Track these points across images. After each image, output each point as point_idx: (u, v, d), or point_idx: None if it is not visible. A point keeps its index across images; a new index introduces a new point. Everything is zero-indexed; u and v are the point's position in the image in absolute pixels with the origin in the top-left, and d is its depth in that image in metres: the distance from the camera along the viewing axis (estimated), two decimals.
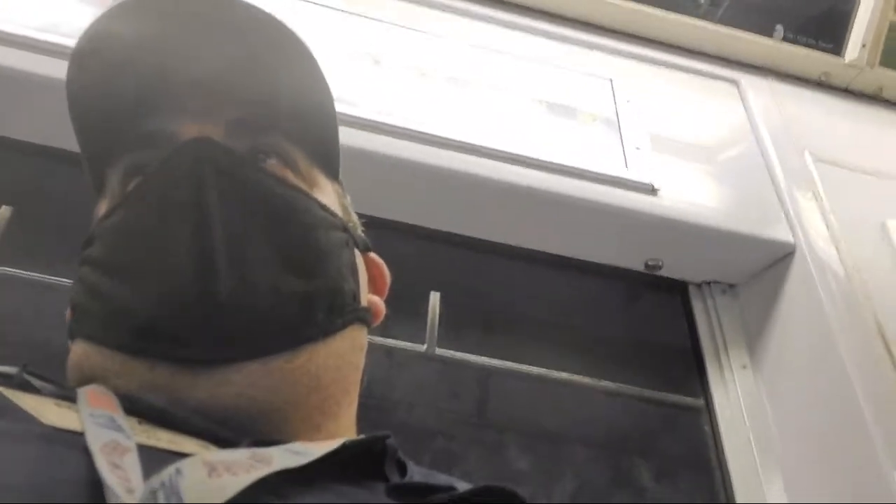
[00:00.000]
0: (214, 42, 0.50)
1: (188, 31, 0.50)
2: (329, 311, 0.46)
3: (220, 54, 0.50)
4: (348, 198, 0.58)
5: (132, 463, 0.31)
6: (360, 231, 0.56)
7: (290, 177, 0.50)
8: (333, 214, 0.51)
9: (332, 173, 0.56)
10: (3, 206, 0.95)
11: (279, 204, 0.47)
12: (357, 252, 0.53)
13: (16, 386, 0.41)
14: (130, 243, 0.45)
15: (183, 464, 0.30)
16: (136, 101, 0.50)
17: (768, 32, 1.39)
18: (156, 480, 0.29)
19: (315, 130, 0.54)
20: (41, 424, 0.34)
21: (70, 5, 1.01)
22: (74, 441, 0.32)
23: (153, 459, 0.32)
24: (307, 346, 0.44)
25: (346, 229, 0.51)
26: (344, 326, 0.47)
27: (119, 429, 0.34)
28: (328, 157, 0.55)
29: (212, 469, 0.30)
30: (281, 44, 0.52)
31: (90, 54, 0.51)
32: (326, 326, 0.46)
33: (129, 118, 0.50)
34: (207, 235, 0.43)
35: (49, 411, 0.35)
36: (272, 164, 0.50)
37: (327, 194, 0.53)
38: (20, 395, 0.37)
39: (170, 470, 0.29)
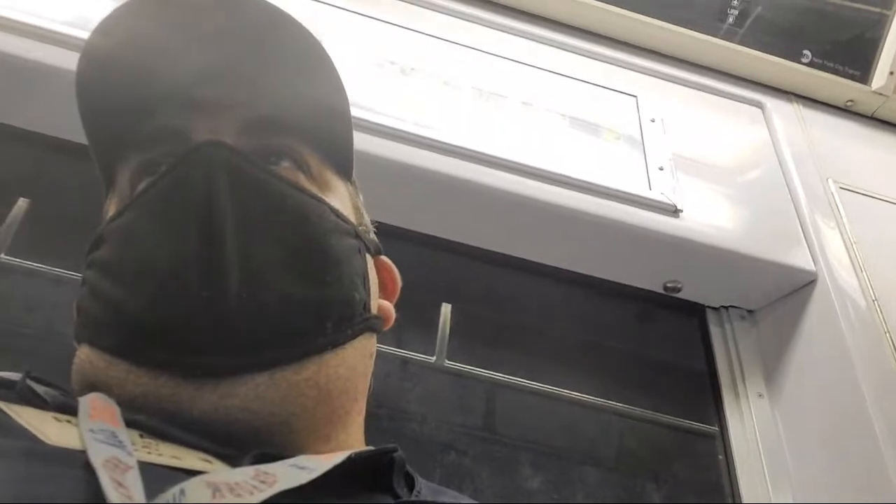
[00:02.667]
0: (228, 41, 0.49)
1: (202, 29, 0.49)
2: (339, 321, 0.45)
3: (233, 53, 0.49)
4: (361, 197, 0.57)
5: (134, 481, 0.30)
6: (371, 234, 0.55)
7: (303, 180, 0.49)
8: (346, 220, 0.50)
9: (346, 173, 0.55)
10: (20, 199, 0.95)
11: (292, 210, 0.46)
12: (368, 257, 0.52)
13: (17, 393, 0.41)
14: (138, 248, 0.44)
15: (187, 485, 0.29)
16: (147, 97, 0.49)
17: (795, 57, 1.38)
18: (160, 500, 0.28)
19: (328, 130, 0.53)
20: (40, 442, 0.33)
21: (100, 1, 1.01)
22: (73, 459, 0.31)
23: (155, 476, 0.31)
24: (316, 357, 0.43)
25: (357, 235, 0.50)
26: (354, 337, 0.46)
27: (120, 444, 0.33)
28: (341, 157, 0.55)
29: (215, 490, 0.30)
30: (295, 43, 0.51)
31: (101, 50, 0.50)
32: (336, 337, 0.45)
33: (139, 115, 0.49)
34: (218, 242, 0.42)
35: (49, 428, 0.34)
36: (284, 166, 0.49)
37: (340, 196, 0.52)
38: (20, 411, 0.36)
39: (174, 490, 0.29)
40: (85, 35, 0.90)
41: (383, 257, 0.57)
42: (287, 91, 0.51)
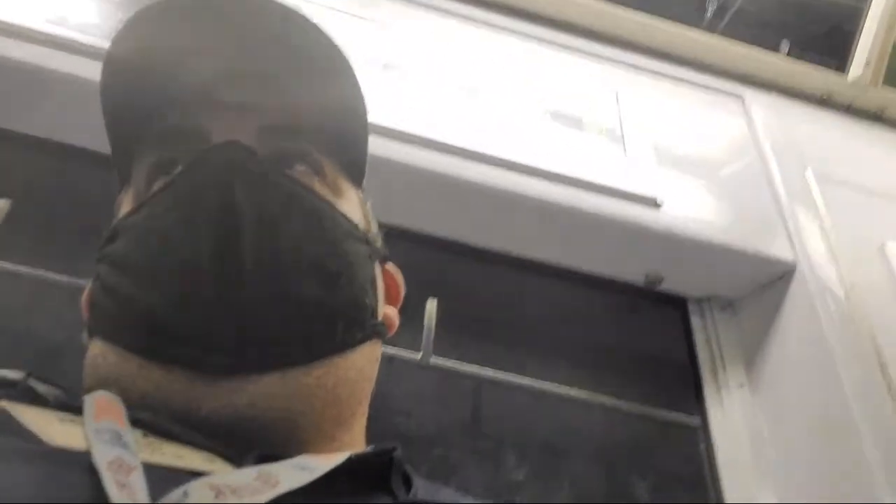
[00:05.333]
0: (250, 44, 0.50)
1: (225, 31, 0.49)
2: (349, 325, 0.46)
3: (255, 57, 0.50)
4: (369, 204, 0.57)
5: (138, 482, 0.30)
6: (379, 241, 0.55)
7: (318, 185, 0.50)
8: (357, 227, 0.50)
9: (357, 181, 0.56)
10: (2, 199, 0.94)
11: (307, 214, 0.47)
12: (377, 264, 0.52)
13: (19, 393, 0.41)
14: (154, 244, 0.45)
15: (190, 486, 0.30)
16: (168, 96, 0.49)
17: (774, 48, 1.40)
18: (164, 502, 0.29)
19: (345, 138, 0.54)
20: (44, 443, 0.33)
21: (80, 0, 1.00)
22: (77, 460, 0.32)
23: (158, 476, 0.31)
24: (325, 359, 0.44)
25: (368, 241, 0.51)
26: (363, 341, 0.47)
27: (124, 445, 0.33)
28: (355, 165, 0.55)
29: (218, 492, 0.30)
30: (317, 49, 0.51)
31: (126, 48, 0.50)
32: (345, 341, 0.45)
33: (160, 113, 0.49)
34: (234, 241, 0.42)
35: (52, 428, 0.35)
36: (300, 170, 0.49)
37: (351, 203, 0.52)
38: (23, 410, 0.36)
39: (178, 492, 0.29)
40: (63, 33, 0.90)
41: (389, 264, 0.58)
42: (307, 96, 0.51)
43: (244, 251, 0.42)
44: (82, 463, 0.31)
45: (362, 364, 0.47)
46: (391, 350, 0.99)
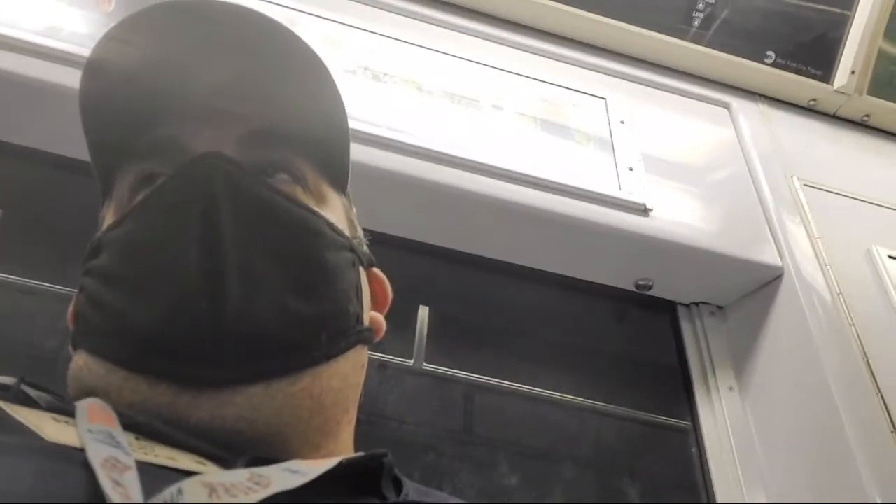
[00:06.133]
0: (230, 54, 0.50)
1: (202, 42, 0.50)
2: (334, 333, 0.46)
3: (233, 66, 0.50)
4: (354, 210, 0.57)
5: (132, 480, 0.30)
6: (364, 247, 0.56)
7: (300, 193, 0.50)
8: (341, 234, 0.50)
9: (341, 187, 0.56)
10: None
11: (289, 224, 0.47)
12: (361, 269, 0.53)
13: (12, 397, 0.41)
14: (138, 257, 0.45)
15: (184, 484, 0.30)
16: (150, 107, 0.49)
17: (760, 58, 1.41)
18: (158, 500, 0.29)
19: (326, 144, 0.54)
20: (40, 439, 0.34)
21: (69, 10, 1.00)
22: (73, 456, 0.32)
23: (151, 476, 0.32)
24: (311, 369, 0.44)
25: (352, 248, 0.51)
26: (347, 349, 0.47)
27: (118, 445, 0.33)
28: (338, 171, 0.55)
29: (212, 490, 0.31)
30: (295, 57, 0.52)
31: (104, 61, 0.51)
32: (330, 350, 0.45)
33: (141, 124, 0.49)
34: (217, 253, 0.42)
35: (47, 426, 0.35)
36: (282, 179, 0.50)
37: (335, 210, 0.53)
38: (18, 409, 0.37)
39: (171, 490, 0.30)
40: (54, 44, 0.91)
41: (375, 269, 0.58)
42: (287, 104, 0.51)
43: (227, 264, 0.42)
44: (77, 459, 0.32)
45: (347, 371, 0.47)
46: (383, 357, 1.00)
